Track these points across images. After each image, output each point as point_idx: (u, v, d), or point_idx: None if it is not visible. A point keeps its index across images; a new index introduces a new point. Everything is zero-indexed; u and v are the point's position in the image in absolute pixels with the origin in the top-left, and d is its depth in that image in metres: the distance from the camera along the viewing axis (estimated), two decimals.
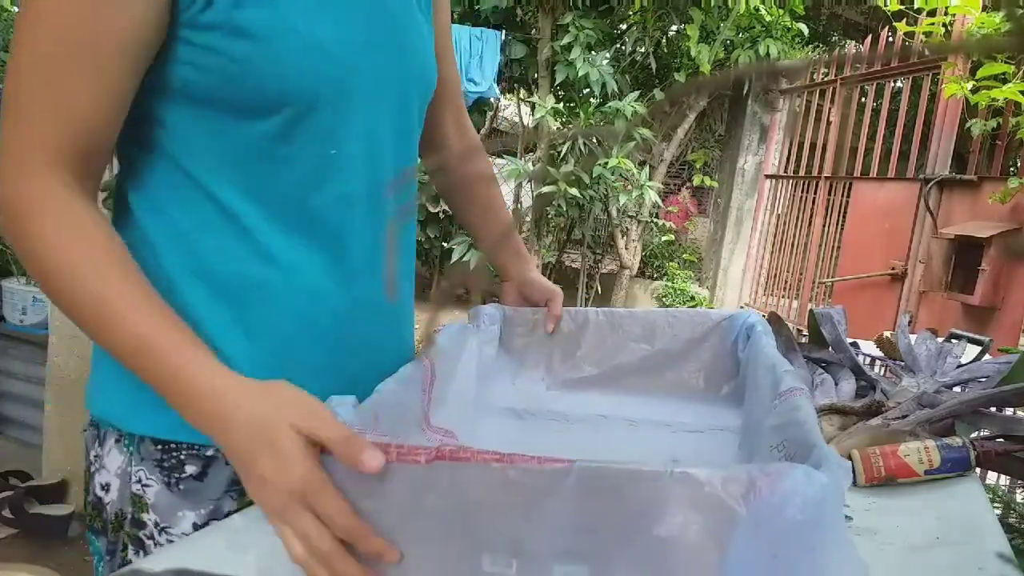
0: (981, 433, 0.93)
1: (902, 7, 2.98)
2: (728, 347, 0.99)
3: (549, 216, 4.69)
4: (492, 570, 0.49)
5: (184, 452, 0.71)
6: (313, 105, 0.68)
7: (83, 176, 0.61)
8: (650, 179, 4.55)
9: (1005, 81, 2.70)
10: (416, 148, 0.83)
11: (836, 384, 1.08)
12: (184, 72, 0.63)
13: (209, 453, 0.71)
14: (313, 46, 0.66)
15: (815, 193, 4.43)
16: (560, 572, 0.48)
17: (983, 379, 1.04)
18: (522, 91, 5.16)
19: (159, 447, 0.71)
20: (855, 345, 1.30)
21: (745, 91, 5.11)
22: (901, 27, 3.31)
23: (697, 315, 1.01)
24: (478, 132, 4.82)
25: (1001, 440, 0.91)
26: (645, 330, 0.99)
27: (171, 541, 0.71)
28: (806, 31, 4.80)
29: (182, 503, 0.71)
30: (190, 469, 0.71)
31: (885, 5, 3.04)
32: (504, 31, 4.55)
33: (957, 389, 1.04)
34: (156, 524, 0.71)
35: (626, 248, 4.97)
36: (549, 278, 4.60)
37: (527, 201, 5.21)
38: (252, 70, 0.63)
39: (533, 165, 4.69)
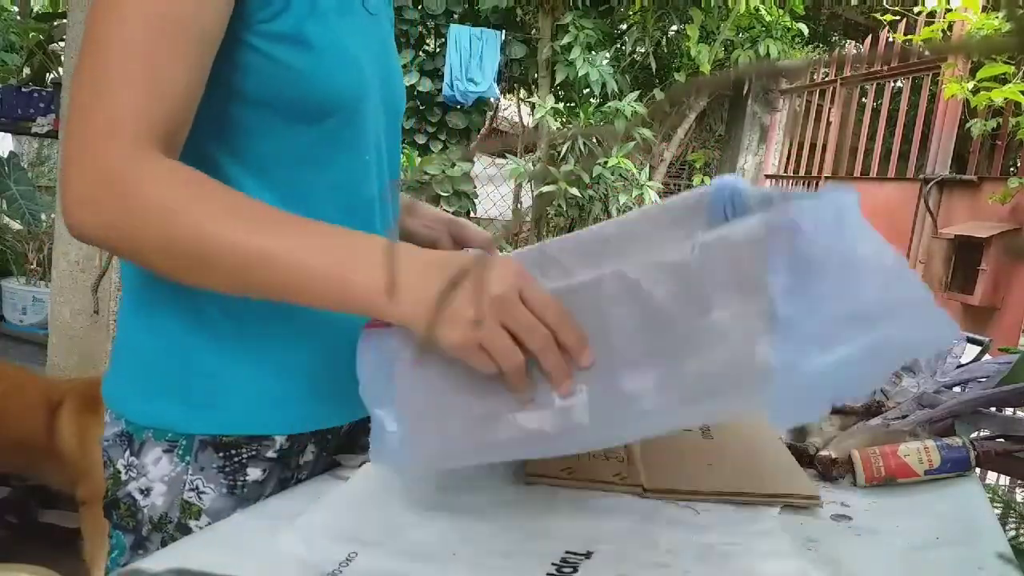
0: (981, 433, 0.93)
1: (900, 10, 2.99)
2: (718, 220, 0.94)
3: (549, 216, 4.69)
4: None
5: (246, 455, 0.72)
6: (349, 114, 0.72)
7: (169, 155, 0.61)
8: (650, 179, 4.55)
9: (1005, 81, 2.70)
10: (399, 160, 0.87)
11: None
12: (242, 74, 0.66)
13: (269, 454, 0.73)
14: (352, 61, 0.71)
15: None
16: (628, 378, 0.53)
17: (983, 379, 1.04)
18: (522, 91, 5.16)
19: (221, 455, 0.72)
20: None
21: (745, 91, 5.10)
22: (899, 37, 3.31)
23: (677, 199, 0.95)
24: (478, 132, 4.80)
25: (1001, 440, 0.91)
26: (627, 228, 0.93)
27: None
28: (806, 31, 4.80)
29: (237, 505, 0.72)
30: (253, 473, 0.73)
31: (881, 16, 3.04)
32: (504, 31, 4.55)
33: (957, 389, 1.04)
34: (205, 527, 0.72)
35: None
36: None
37: (527, 201, 5.21)
38: (306, 78, 0.67)
39: (533, 165, 4.69)
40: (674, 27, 4.70)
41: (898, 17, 2.97)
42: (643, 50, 4.71)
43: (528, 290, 0.56)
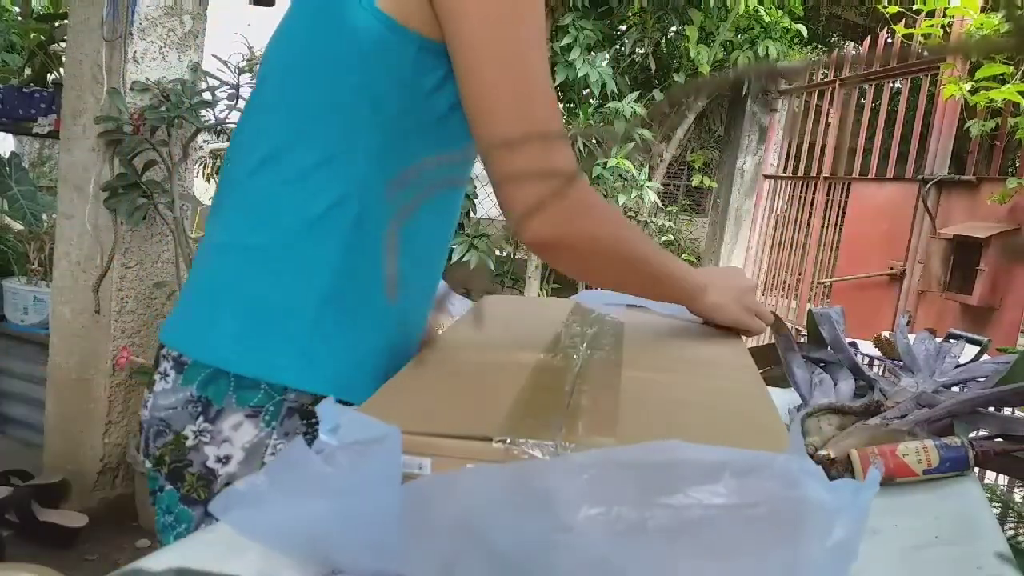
0: (979, 433, 0.93)
1: (900, 9, 2.99)
2: None
3: None
4: None
5: None
6: None
7: None
8: (649, 179, 4.55)
9: (1004, 82, 2.70)
10: None
11: (835, 384, 1.08)
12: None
13: None
14: None
15: (814, 193, 4.43)
16: None
17: (981, 379, 1.04)
18: None
19: (305, 422, 0.74)
20: (854, 345, 1.31)
21: (744, 92, 5.11)
22: (900, 29, 3.31)
23: None
24: None
25: (999, 440, 0.92)
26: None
27: None
28: (805, 32, 4.80)
29: None
30: None
31: (885, 7, 3.04)
32: None
33: (956, 389, 1.04)
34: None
35: None
36: (547, 281, 4.56)
37: None
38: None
39: None
40: (673, 28, 4.70)
41: (900, 10, 2.97)
42: (643, 51, 4.71)
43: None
